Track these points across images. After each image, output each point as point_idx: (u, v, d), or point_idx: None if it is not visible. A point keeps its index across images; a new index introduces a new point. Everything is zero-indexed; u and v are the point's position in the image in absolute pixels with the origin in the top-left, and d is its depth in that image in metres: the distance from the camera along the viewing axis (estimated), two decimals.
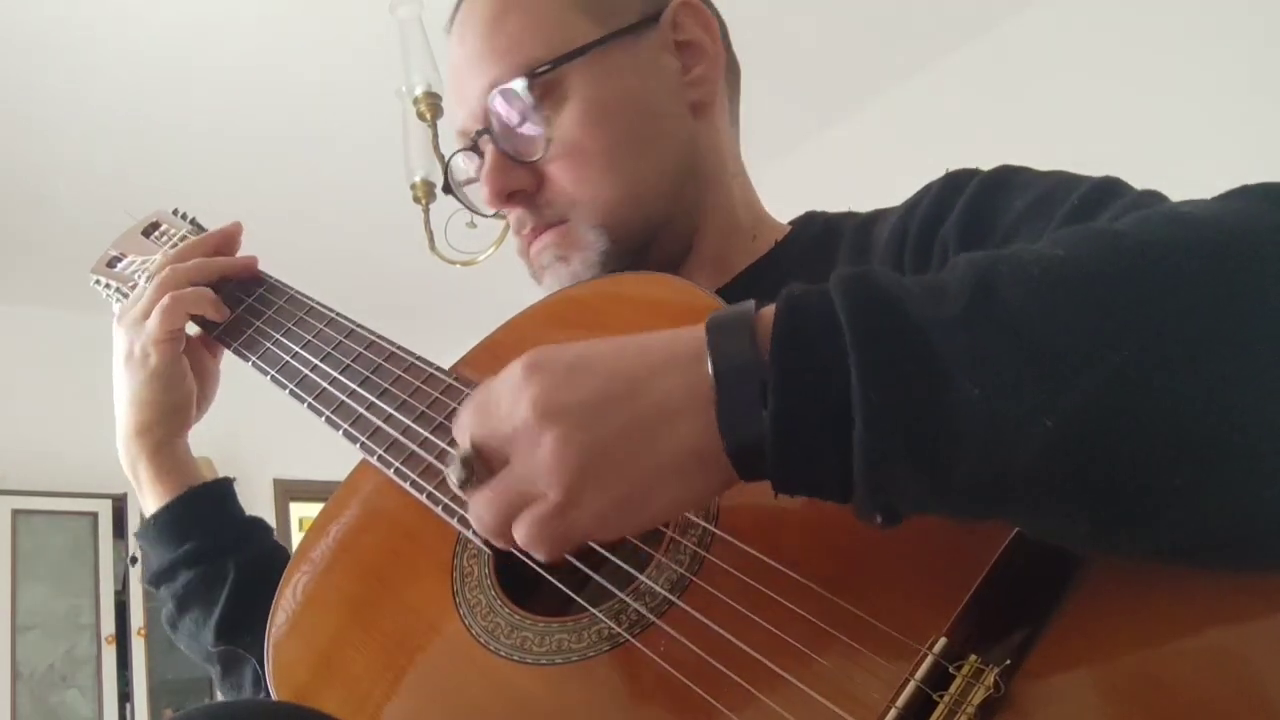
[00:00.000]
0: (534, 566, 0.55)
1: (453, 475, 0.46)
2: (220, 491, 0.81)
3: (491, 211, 0.75)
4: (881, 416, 0.37)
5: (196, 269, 0.78)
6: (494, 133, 0.69)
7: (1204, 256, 0.37)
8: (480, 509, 0.45)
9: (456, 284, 2.69)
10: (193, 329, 0.80)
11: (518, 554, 0.51)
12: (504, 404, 0.44)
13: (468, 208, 0.79)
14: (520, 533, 0.44)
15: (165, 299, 0.74)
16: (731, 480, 0.42)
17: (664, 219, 0.72)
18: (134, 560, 0.89)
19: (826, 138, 3.28)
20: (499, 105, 0.68)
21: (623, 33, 0.70)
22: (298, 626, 0.63)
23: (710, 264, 0.75)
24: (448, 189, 0.79)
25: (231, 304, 0.79)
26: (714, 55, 0.74)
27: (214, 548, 0.77)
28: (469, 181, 0.77)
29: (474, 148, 0.72)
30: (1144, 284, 0.37)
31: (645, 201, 0.70)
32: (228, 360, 0.83)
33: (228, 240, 0.83)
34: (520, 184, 0.69)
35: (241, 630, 0.75)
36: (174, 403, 0.78)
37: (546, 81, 0.67)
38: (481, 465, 0.45)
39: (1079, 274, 0.38)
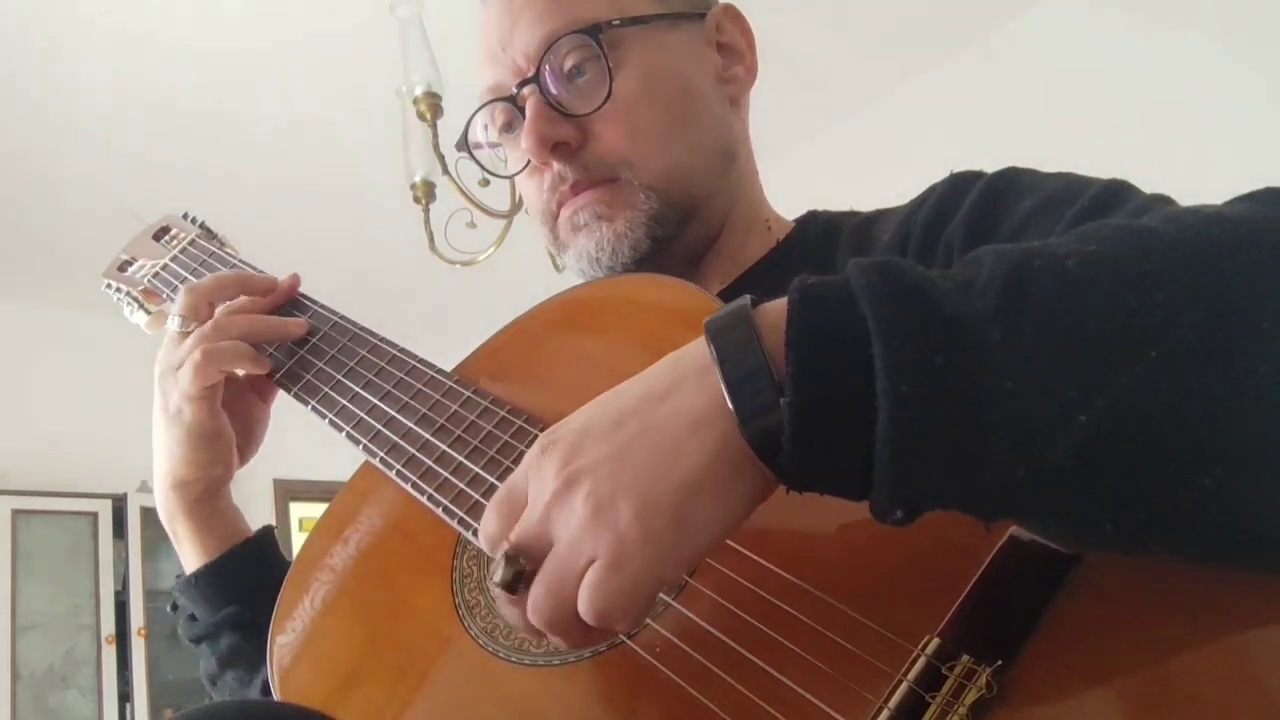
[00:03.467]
0: None
1: (499, 578, 0.42)
2: (260, 547, 0.77)
3: (517, 168, 0.74)
4: (908, 409, 0.36)
5: (243, 326, 0.73)
6: (544, 83, 0.69)
7: (1242, 256, 0.37)
8: (538, 603, 0.42)
9: (456, 284, 2.70)
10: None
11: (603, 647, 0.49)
12: (530, 491, 0.43)
13: (483, 168, 0.79)
14: (585, 606, 0.40)
15: (197, 354, 0.70)
16: (770, 482, 0.41)
17: (705, 197, 0.72)
18: (174, 607, 0.88)
19: (826, 138, 3.28)
20: (558, 55, 0.69)
21: (677, 16, 0.73)
22: (300, 628, 0.63)
23: (729, 255, 0.76)
24: (462, 147, 0.78)
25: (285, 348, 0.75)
26: (750, 62, 0.78)
27: (259, 611, 0.70)
28: (489, 145, 0.77)
29: (511, 100, 0.71)
30: (1182, 282, 0.36)
31: (693, 174, 0.71)
32: None
33: (280, 291, 0.78)
34: (565, 136, 0.69)
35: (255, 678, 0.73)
36: (211, 458, 0.73)
37: (610, 40, 0.68)
38: (528, 560, 0.42)
39: (1115, 270, 0.37)
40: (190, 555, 0.76)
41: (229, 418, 0.74)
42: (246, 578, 0.75)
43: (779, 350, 0.39)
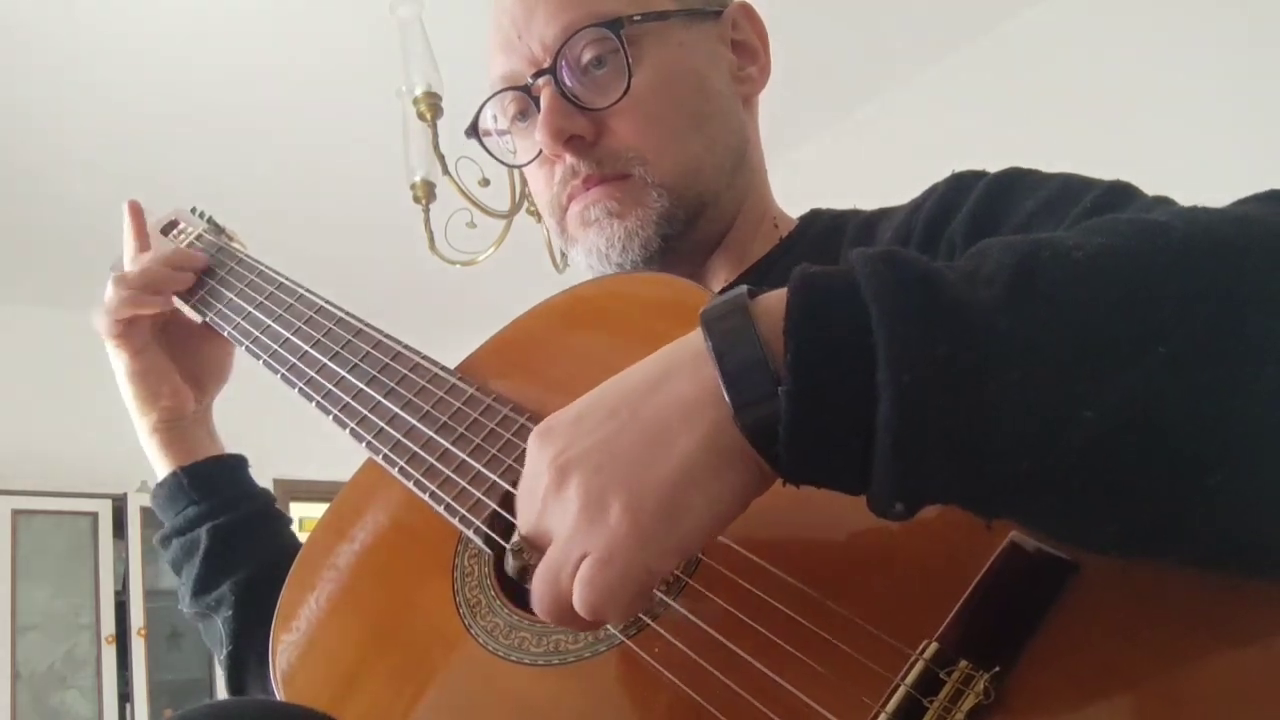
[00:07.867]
0: None
1: (509, 569, 0.44)
2: (217, 463, 0.84)
3: (527, 158, 0.74)
4: (911, 399, 0.35)
5: (138, 277, 0.83)
6: (560, 75, 0.69)
7: (1254, 254, 0.36)
8: (538, 596, 0.43)
9: (456, 284, 2.70)
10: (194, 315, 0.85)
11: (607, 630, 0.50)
12: (534, 483, 0.44)
13: (493, 155, 0.79)
14: (579, 599, 0.40)
15: (102, 307, 0.81)
16: (766, 474, 0.40)
17: (715, 196, 0.72)
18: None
19: (826, 137, 3.28)
20: (575, 47, 0.68)
21: (694, 13, 0.73)
22: (302, 627, 0.63)
23: (735, 252, 0.76)
24: (471, 134, 0.78)
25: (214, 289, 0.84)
26: (764, 62, 0.78)
27: (194, 518, 0.81)
28: (498, 133, 0.78)
29: (525, 90, 0.71)
30: (1193, 278, 0.36)
31: (705, 173, 0.71)
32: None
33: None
34: (580, 130, 0.69)
35: (210, 588, 0.81)
36: (151, 392, 0.82)
37: (628, 35, 0.68)
38: (534, 551, 0.43)
39: (1126, 263, 0.37)
40: (159, 472, 0.84)
41: (176, 355, 0.84)
42: (204, 483, 0.82)
43: (776, 338, 0.38)
